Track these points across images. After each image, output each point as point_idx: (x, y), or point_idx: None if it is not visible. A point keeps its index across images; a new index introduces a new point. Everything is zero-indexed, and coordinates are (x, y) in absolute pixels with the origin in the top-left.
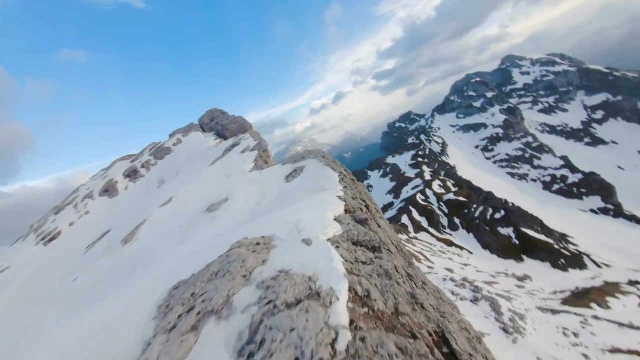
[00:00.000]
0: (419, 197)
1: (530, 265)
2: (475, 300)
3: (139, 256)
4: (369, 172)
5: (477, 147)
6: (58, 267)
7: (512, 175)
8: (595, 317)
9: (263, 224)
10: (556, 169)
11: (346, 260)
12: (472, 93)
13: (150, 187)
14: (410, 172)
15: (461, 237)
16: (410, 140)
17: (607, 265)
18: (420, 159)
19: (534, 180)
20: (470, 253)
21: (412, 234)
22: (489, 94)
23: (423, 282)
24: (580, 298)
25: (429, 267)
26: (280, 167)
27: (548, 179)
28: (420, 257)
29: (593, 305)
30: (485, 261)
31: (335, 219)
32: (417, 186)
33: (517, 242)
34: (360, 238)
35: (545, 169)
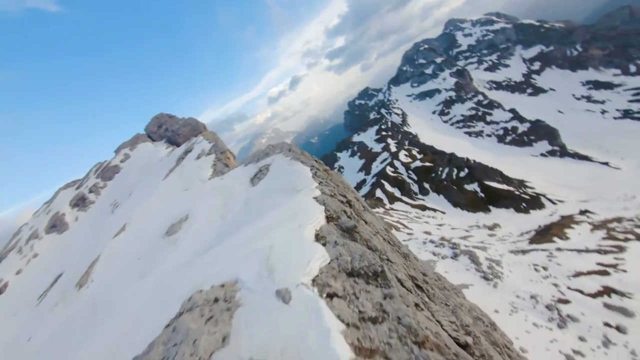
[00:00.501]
0: (389, 170)
1: (497, 214)
2: (455, 256)
3: (97, 301)
4: (338, 154)
5: (434, 112)
6: (8, 325)
7: (469, 134)
8: (558, 249)
9: (225, 256)
10: (506, 121)
11: (348, 325)
12: (422, 61)
13: (103, 214)
14: (377, 147)
15: (432, 200)
16: (371, 116)
17: (560, 201)
18: (384, 133)
19: (489, 135)
20: (443, 213)
21: (388, 206)
22: (438, 60)
23: (423, 273)
24: (543, 235)
25: (408, 233)
26: (243, 169)
27: (501, 132)
28: (399, 225)
29: (555, 238)
30: (457, 218)
31: (317, 236)
32: (385, 159)
33: (482, 195)
34: (356, 264)
35: (497, 123)
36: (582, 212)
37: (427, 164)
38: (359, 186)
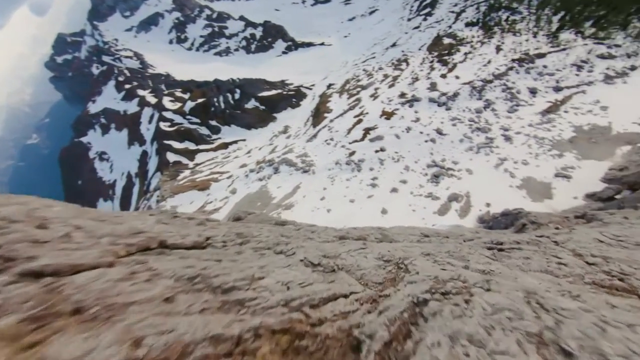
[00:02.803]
0: (163, 126)
1: (282, 118)
2: (276, 171)
3: None
4: (84, 140)
5: (170, 42)
6: None
7: (219, 54)
8: (331, 120)
9: None
10: (243, 31)
11: None
12: None
13: None
14: (131, 107)
15: (228, 133)
16: (95, 71)
17: (313, 85)
18: (127, 86)
19: (237, 50)
20: (244, 140)
21: (190, 164)
22: None
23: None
24: (317, 116)
25: (228, 177)
26: None
27: (244, 43)
28: (216, 176)
29: (325, 114)
30: (257, 138)
31: None
32: (151, 116)
33: (263, 107)
34: None
35: (237, 34)
36: (328, 87)
37: (199, 100)
38: (143, 163)
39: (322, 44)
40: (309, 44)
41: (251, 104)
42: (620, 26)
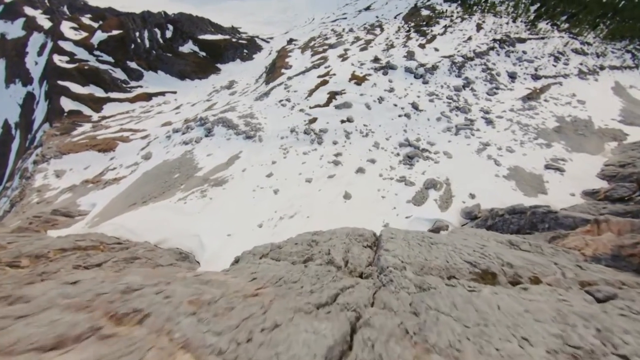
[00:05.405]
0: (59, 60)
1: (227, 70)
2: (209, 132)
3: None
4: None
5: None
6: None
7: None
8: (289, 78)
9: None
10: None
11: None
12: None
13: None
14: (12, 30)
15: (152, 80)
16: None
17: (271, 38)
18: (9, 4)
19: None
20: (174, 93)
21: (95, 116)
22: None
23: None
24: (272, 72)
25: (142, 137)
26: None
27: None
28: (127, 134)
29: (282, 70)
30: (192, 91)
31: None
32: (42, 46)
33: (204, 53)
34: None
35: None
36: (289, 42)
37: (115, 32)
38: (28, 109)
39: None
40: None
41: (188, 47)
42: (589, 26)
